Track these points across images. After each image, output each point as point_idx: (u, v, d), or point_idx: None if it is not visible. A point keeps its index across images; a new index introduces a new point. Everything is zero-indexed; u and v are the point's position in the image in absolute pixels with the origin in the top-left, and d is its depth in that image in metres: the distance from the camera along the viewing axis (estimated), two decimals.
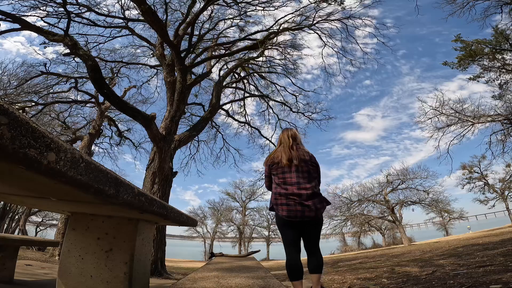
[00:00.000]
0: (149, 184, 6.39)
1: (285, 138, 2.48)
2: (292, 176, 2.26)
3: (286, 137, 2.48)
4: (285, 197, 2.21)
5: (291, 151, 2.37)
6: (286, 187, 2.23)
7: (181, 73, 7.16)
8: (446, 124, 12.80)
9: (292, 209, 2.16)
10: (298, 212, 2.14)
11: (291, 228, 2.26)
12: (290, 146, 2.41)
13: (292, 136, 2.48)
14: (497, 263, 3.55)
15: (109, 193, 1.03)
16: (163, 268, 6.22)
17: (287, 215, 2.18)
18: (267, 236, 28.94)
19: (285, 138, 2.49)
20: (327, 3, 8.26)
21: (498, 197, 22.07)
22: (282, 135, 2.55)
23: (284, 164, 2.31)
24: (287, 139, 2.46)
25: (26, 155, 0.63)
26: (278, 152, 2.42)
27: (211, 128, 11.71)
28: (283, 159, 2.32)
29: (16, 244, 3.03)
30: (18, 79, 10.80)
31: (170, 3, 8.32)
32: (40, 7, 7.61)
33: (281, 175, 2.30)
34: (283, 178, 2.28)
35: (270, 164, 2.42)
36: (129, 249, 1.76)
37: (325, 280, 3.93)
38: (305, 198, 2.16)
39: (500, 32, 9.58)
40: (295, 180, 2.24)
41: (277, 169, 2.35)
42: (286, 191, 2.22)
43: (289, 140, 2.45)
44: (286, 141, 2.46)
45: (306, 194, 2.18)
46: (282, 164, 2.32)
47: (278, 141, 2.58)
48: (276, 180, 2.33)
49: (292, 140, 2.45)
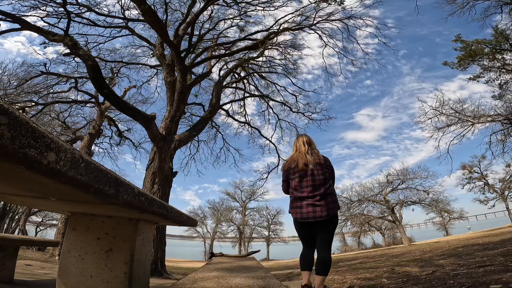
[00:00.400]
0: (149, 184, 6.39)
1: (301, 144, 2.58)
2: (308, 179, 2.37)
3: (302, 143, 2.58)
4: (301, 200, 2.34)
5: (307, 156, 2.46)
6: (302, 190, 2.36)
7: (181, 73, 7.15)
8: (446, 124, 12.80)
9: (305, 211, 2.28)
10: (310, 213, 2.26)
11: (305, 228, 2.40)
12: (306, 152, 2.50)
13: (307, 142, 2.58)
14: (497, 263, 3.55)
15: (109, 193, 1.03)
16: (163, 268, 6.22)
17: (300, 217, 2.31)
18: (267, 236, 28.94)
19: (300, 144, 2.59)
20: (327, 3, 8.26)
21: (498, 197, 22.08)
22: (297, 141, 2.65)
23: (300, 168, 2.41)
24: (302, 145, 2.56)
25: (26, 155, 0.63)
26: (294, 158, 2.52)
27: (211, 128, 11.71)
28: (299, 164, 2.43)
29: (16, 244, 3.03)
30: (18, 79, 10.80)
31: (170, 3, 8.33)
32: (40, 7, 7.61)
33: (298, 179, 2.41)
34: (299, 182, 2.39)
35: (287, 169, 2.53)
36: (129, 249, 1.76)
37: (325, 280, 3.93)
38: (318, 199, 2.28)
39: (500, 32, 9.58)
40: (310, 183, 2.35)
41: (294, 173, 2.45)
42: (301, 194, 2.35)
43: (305, 146, 2.55)
44: (301, 147, 2.56)
45: (320, 195, 2.29)
46: (299, 168, 2.42)
47: (294, 147, 2.68)
48: (293, 184, 2.44)
49: (308, 145, 2.56)
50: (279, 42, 9.40)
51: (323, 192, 2.30)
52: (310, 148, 2.55)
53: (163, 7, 7.58)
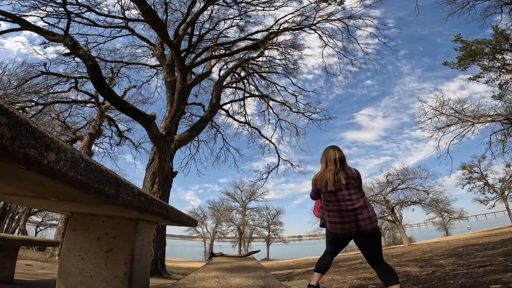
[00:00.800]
0: (149, 184, 6.39)
1: (331, 161, 2.38)
2: (345, 193, 2.27)
3: (333, 160, 2.38)
4: (339, 214, 2.24)
5: (336, 176, 2.31)
6: (339, 204, 2.25)
7: (181, 73, 7.15)
8: (446, 124, 12.80)
9: (347, 226, 2.19)
10: (353, 229, 2.17)
11: (342, 242, 2.34)
12: (337, 171, 2.34)
13: (340, 160, 2.38)
14: (497, 263, 3.55)
15: (109, 193, 1.03)
16: (163, 268, 6.22)
17: (341, 232, 2.22)
18: (267, 236, 28.95)
19: (330, 160, 2.39)
20: (327, 3, 8.26)
21: (498, 197, 22.08)
22: (328, 156, 2.43)
23: (330, 189, 2.29)
24: (333, 163, 2.37)
25: (26, 155, 0.63)
26: (323, 176, 2.36)
27: (211, 128, 11.71)
28: (328, 184, 2.30)
29: (16, 244, 3.03)
30: (18, 79, 10.80)
31: (170, 3, 8.33)
32: (40, 7, 7.61)
33: (333, 193, 2.30)
34: (335, 196, 2.29)
35: (317, 187, 2.41)
36: (129, 249, 1.76)
37: (325, 280, 3.93)
38: (359, 212, 2.20)
39: (500, 32, 9.58)
40: (347, 197, 2.26)
41: (326, 190, 2.33)
42: (339, 207, 2.25)
43: (337, 165, 2.36)
44: (332, 164, 2.37)
45: (360, 209, 2.21)
46: (328, 189, 2.29)
47: (323, 160, 2.46)
48: (328, 197, 2.33)
49: (340, 163, 2.37)
50: (279, 42, 9.40)
51: (363, 207, 2.22)
52: (342, 165, 2.37)
53: (163, 7, 7.59)
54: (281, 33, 8.71)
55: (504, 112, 11.22)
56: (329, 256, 2.38)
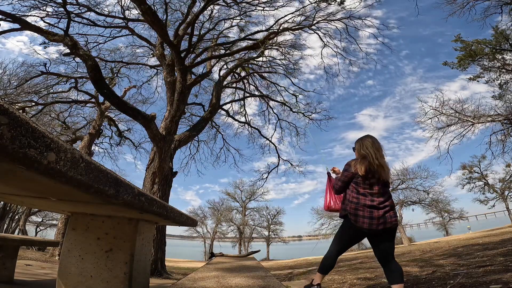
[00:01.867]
0: (149, 184, 6.39)
1: (380, 150, 2.35)
2: (380, 188, 2.25)
3: (382, 150, 2.36)
4: (370, 208, 2.18)
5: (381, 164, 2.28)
6: (373, 199, 2.20)
7: (181, 73, 7.15)
8: (446, 124, 12.80)
9: (375, 222, 2.14)
10: (380, 224, 2.13)
11: (359, 238, 2.31)
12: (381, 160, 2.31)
13: (381, 149, 2.36)
14: (497, 263, 3.55)
15: (109, 193, 1.03)
16: (163, 268, 6.22)
17: (368, 228, 2.15)
18: (267, 236, 28.95)
19: (379, 150, 2.35)
20: (327, 3, 8.25)
21: (498, 197, 22.08)
22: (372, 143, 2.36)
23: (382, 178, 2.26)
24: (376, 152, 2.32)
25: (26, 155, 0.63)
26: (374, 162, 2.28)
27: (211, 128, 11.71)
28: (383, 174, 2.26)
29: (16, 244, 3.03)
30: (18, 79, 10.79)
31: (170, 3, 8.33)
32: (40, 7, 7.61)
33: (368, 186, 2.24)
34: (370, 188, 2.24)
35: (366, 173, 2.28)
36: (129, 249, 1.76)
37: (325, 280, 3.93)
38: (389, 208, 2.19)
39: (500, 32, 9.58)
40: (382, 191, 2.24)
41: (366, 179, 2.27)
42: (372, 202, 2.19)
43: (379, 153, 2.32)
44: (380, 151, 2.34)
45: (390, 205, 2.21)
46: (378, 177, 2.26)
47: (364, 148, 2.36)
48: (361, 190, 2.26)
49: (381, 152, 2.35)
50: (279, 42, 9.40)
51: (392, 202, 2.23)
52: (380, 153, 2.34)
53: (163, 7, 7.58)
54: (281, 33, 8.71)
55: (504, 112, 11.22)
56: (334, 255, 2.35)
